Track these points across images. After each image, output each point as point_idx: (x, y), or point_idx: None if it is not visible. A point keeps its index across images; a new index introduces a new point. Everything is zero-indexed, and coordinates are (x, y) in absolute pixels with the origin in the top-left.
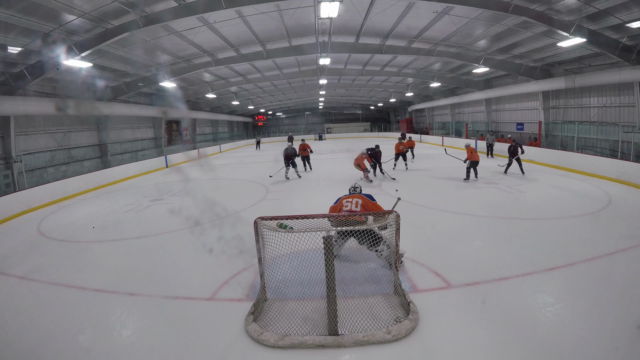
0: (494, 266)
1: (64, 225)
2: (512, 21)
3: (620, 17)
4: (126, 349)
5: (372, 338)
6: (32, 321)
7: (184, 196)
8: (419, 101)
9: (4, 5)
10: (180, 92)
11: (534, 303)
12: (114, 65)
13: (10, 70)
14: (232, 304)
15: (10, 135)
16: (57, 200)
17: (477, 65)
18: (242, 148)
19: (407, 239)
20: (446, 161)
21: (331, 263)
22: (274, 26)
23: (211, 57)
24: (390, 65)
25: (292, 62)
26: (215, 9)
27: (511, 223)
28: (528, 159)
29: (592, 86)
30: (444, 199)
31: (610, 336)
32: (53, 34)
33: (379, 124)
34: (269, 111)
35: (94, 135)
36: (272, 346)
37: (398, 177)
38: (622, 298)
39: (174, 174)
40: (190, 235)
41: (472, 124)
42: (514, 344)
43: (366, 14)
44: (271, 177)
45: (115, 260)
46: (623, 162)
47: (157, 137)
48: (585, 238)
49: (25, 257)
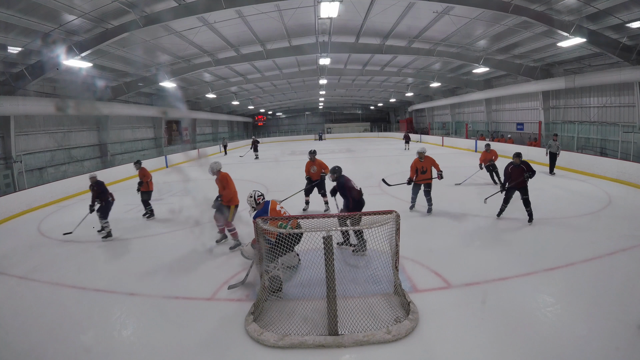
0: (494, 266)
1: (64, 225)
2: (512, 21)
3: (620, 17)
4: (126, 349)
5: (372, 338)
6: (32, 321)
7: (184, 196)
8: (419, 101)
9: (4, 5)
10: (180, 92)
11: (533, 303)
12: (114, 65)
13: (10, 70)
14: (232, 304)
15: (10, 135)
16: (57, 200)
17: (477, 65)
18: (243, 148)
19: (407, 239)
20: (446, 161)
21: (331, 263)
22: (274, 26)
23: (211, 57)
24: (390, 65)
25: (292, 62)
26: (215, 9)
27: (511, 223)
28: (528, 159)
29: (592, 86)
30: (443, 199)
31: (610, 336)
32: (53, 34)
33: (379, 124)
34: (269, 111)
35: (94, 135)
36: (272, 346)
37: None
38: (622, 298)
39: (174, 174)
40: (190, 235)
41: (472, 124)
42: (514, 344)
43: (366, 14)
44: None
45: (115, 260)
46: (623, 162)
47: (157, 137)
48: (585, 238)
49: (25, 257)
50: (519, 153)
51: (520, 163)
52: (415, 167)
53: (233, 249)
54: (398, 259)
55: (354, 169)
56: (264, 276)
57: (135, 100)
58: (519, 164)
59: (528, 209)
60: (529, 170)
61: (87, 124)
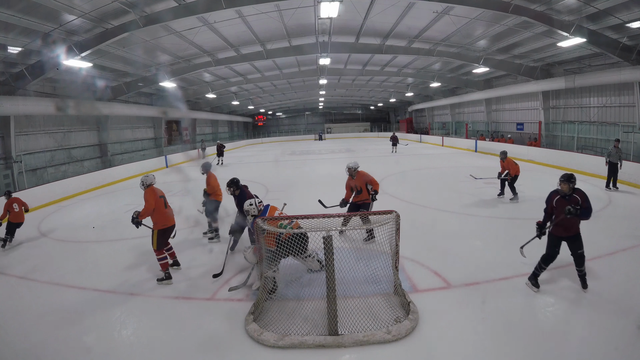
0: (494, 266)
1: (64, 225)
2: (512, 21)
3: (620, 17)
4: (126, 349)
5: (372, 338)
6: (32, 321)
7: (184, 196)
8: (419, 101)
9: (4, 5)
10: (180, 92)
11: (534, 303)
12: (114, 65)
13: (10, 70)
14: (232, 304)
15: (10, 135)
16: (57, 200)
17: (477, 65)
18: (243, 148)
19: (407, 239)
20: (446, 161)
21: (331, 263)
22: (274, 26)
23: (211, 57)
24: (390, 65)
25: (292, 62)
26: (215, 9)
27: (511, 223)
28: (528, 159)
29: (592, 86)
30: (444, 199)
31: (610, 336)
32: (53, 34)
33: (379, 124)
34: (269, 111)
35: (94, 135)
36: (272, 346)
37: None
38: (622, 298)
39: (174, 174)
40: (190, 235)
41: (472, 124)
42: (514, 344)
43: (366, 14)
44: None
45: (115, 260)
46: (623, 162)
47: (157, 137)
48: (585, 238)
49: (25, 257)
50: (569, 175)
51: (571, 192)
52: (350, 186)
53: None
54: (398, 259)
55: None
56: (262, 277)
57: (135, 100)
58: (569, 193)
59: (580, 270)
60: (583, 205)
61: (87, 124)
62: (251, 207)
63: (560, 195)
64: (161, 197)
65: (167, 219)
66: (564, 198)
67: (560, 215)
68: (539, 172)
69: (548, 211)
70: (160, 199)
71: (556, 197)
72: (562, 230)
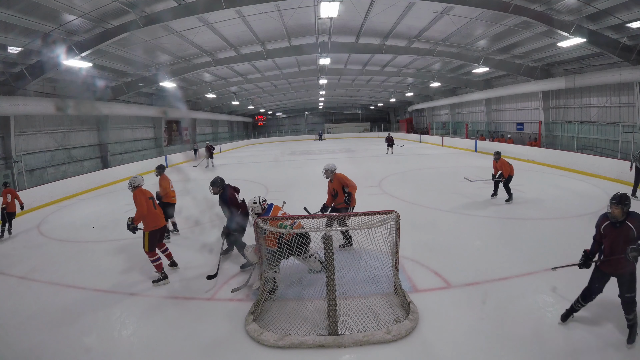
0: (494, 266)
1: (64, 225)
2: (512, 21)
3: (620, 17)
4: (126, 349)
5: (372, 338)
6: (32, 321)
7: (184, 196)
8: (419, 101)
9: (4, 5)
10: (180, 92)
11: (534, 303)
12: (114, 65)
13: (10, 70)
14: (232, 304)
15: (10, 135)
16: (57, 200)
17: (477, 65)
18: (243, 148)
19: (407, 239)
20: (446, 161)
21: (331, 263)
22: (274, 26)
23: (211, 57)
24: (390, 65)
25: (292, 62)
26: (215, 9)
27: (511, 223)
28: (528, 159)
29: (592, 86)
30: (444, 199)
31: (610, 336)
32: (53, 34)
33: (379, 124)
34: (269, 111)
35: (94, 135)
36: (272, 346)
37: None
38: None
39: (174, 174)
40: (190, 235)
41: (472, 124)
42: (514, 344)
43: (366, 14)
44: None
45: (115, 260)
46: (623, 162)
47: (157, 137)
48: (585, 238)
49: (25, 257)
50: (622, 196)
51: (624, 217)
52: (329, 190)
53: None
54: (398, 259)
55: (354, 169)
56: (262, 277)
57: (135, 100)
58: (622, 219)
59: (629, 319)
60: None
61: (87, 124)
62: (255, 205)
63: (610, 222)
64: (150, 199)
65: (158, 219)
66: (614, 226)
67: (616, 249)
68: (539, 172)
69: (597, 239)
70: (149, 200)
71: (605, 223)
72: (608, 265)
